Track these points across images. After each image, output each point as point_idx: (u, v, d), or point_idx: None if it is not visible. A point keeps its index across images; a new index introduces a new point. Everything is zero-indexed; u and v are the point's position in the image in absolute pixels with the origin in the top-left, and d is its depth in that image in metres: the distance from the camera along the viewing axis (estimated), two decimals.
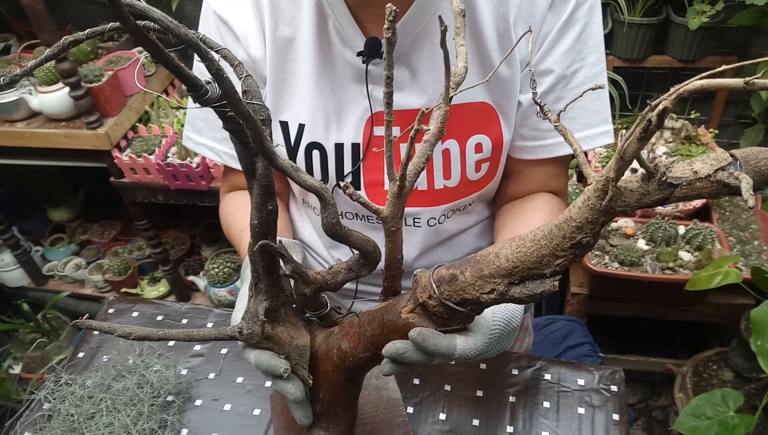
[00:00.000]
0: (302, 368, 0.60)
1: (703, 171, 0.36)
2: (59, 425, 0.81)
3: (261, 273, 0.56)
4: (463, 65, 0.52)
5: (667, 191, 0.37)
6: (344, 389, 0.62)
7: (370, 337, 0.56)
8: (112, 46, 1.90)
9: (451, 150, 0.77)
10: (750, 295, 1.49)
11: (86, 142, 1.70)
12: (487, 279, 0.47)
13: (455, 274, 0.49)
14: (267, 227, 0.54)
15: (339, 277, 0.58)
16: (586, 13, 0.72)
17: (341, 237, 0.53)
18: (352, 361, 0.58)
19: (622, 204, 0.39)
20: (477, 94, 0.75)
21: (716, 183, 0.36)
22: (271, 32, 0.75)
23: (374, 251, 0.56)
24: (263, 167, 0.50)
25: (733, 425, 1.23)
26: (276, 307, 0.58)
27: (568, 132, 0.46)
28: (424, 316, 0.52)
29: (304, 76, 0.76)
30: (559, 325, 1.57)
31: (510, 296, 0.46)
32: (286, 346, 0.59)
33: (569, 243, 0.42)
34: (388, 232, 0.54)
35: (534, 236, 0.44)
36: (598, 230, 0.42)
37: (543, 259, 0.44)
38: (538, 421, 0.81)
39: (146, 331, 0.57)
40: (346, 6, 0.71)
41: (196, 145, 0.88)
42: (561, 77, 0.74)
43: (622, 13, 1.73)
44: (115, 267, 2.12)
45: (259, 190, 0.51)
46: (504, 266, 0.46)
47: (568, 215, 0.42)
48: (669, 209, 1.67)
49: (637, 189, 0.39)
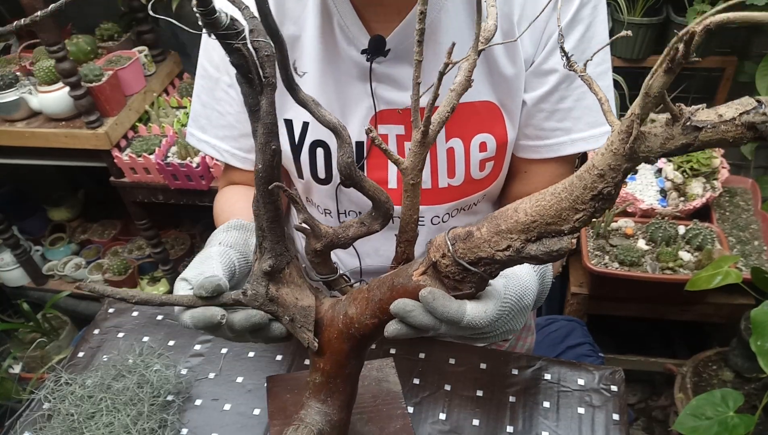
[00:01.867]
0: (307, 330, 0.57)
1: (728, 114, 0.36)
2: (59, 425, 0.81)
3: (265, 228, 0.54)
4: (494, 23, 0.51)
5: (692, 135, 0.37)
6: (347, 360, 0.59)
7: (378, 302, 0.54)
8: (112, 46, 1.90)
9: (456, 148, 0.77)
10: (750, 295, 1.49)
11: (86, 141, 1.70)
12: (504, 235, 0.45)
13: (471, 230, 0.47)
14: (272, 172, 0.51)
15: (350, 230, 0.56)
16: (590, 12, 0.72)
17: (355, 179, 0.51)
18: (358, 328, 0.56)
19: (645, 149, 0.38)
20: (481, 93, 0.75)
21: (741, 125, 0.35)
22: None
23: (387, 202, 0.54)
24: (267, 104, 0.48)
25: (733, 425, 1.23)
26: (280, 267, 0.56)
27: (593, 82, 0.45)
28: (436, 278, 0.50)
29: (308, 75, 0.76)
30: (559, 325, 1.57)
31: (526, 253, 0.45)
32: (291, 308, 0.57)
33: (590, 194, 0.41)
34: (407, 186, 0.52)
35: (554, 190, 0.43)
36: (620, 179, 0.40)
37: (562, 212, 0.43)
38: (538, 421, 0.81)
39: (149, 296, 0.56)
40: (351, 4, 0.71)
41: (198, 142, 0.88)
42: (565, 76, 0.74)
43: (622, 13, 1.73)
44: (115, 266, 2.12)
45: (263, 129, 0.49)
46: (522, 221, 0.44)
47: (590, 164, 0.41)
48: (669, 209, 1.67)
49: (661, 133, 0.38)
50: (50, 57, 1.56)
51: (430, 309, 0.50)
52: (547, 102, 0.76)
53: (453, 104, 0.50)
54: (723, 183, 1.69)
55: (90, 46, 1.81)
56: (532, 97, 0.76)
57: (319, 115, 0.49)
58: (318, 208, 0.89)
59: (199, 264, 0.65)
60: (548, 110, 0.77)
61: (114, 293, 0.55)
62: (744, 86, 1.82)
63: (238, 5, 0.45)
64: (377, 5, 0.71)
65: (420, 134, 0.49)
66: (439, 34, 0.72)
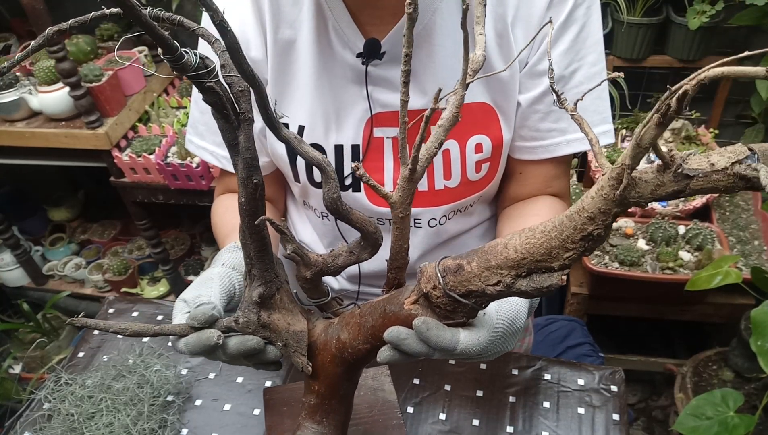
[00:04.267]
0: (300, 355, 0.58)
1: (720, 163, 0.35)
2: (59, 425, 0.81)
3: (253, 257, 0.54)
4: (482, 53, 0.51)
5: (683, 183, 0.37)
6: (341, 382, 0.60)
7: (371, 328, 0.54)
8: (112, 46, 1.90)
9: (451, 150, 0.77)
10: (750, 295, 1.49)
11: (86, 141, 1.70)
12: (494, 270, 0.46)
13: (461, 264, 0.48)
14: (255, 204, 0.51)
15: (339, 259, 0.57)
16: (584, 13, 0.72)
17: (342, 213, 0.52)
18: (351, 353, 0.57)
19: (636, 195, 0.38)
20: (476, 94, 0.75)
21: (733, 175, 0.35)
22: (272, 35, 0.75)
23: (375, 232, 0.54)
24: (245, 139, 0.48)
25: (733, 425, 1.23)
26: (271, 293, 0.57)
27: (584, 121, 0.45)
28: (427, 307, 0.51)
29: (304, 78, 0.76)
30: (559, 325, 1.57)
31: (516, 289, 0.45)
32: (283, 334, 0.58)
33: (580, 235, 0.41)
34: (396, 219, 0.52)
35: (544, 228, 0.43)
36: (610, 222, 0.41)
37: (552, 251, 0.43)
38: (538, 421, 0.81)
39: (143, 327, 0.56)
40: (346, 8, 0.71)
41: (197, 149, 0.89)
42: (559, 77, 0.74)
43: (622, 13, 1.73)
44: (115, 267, 2.12)
45: (243, 164, 0.49)
46: (512, 257, 0.45)
47: (580, 206, 0.41)
48: (669, 209, 1.67)
49: (652, 180, 0.38)
50: (50, 57, 1.56)
51: (423, 338, 0.51)
52: (541, 103, 0.76)
53: (440, 140, 0.50)
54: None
55: (90, 46, 1.81)
56: (527, 99, 0.76)
57: (303, 152, 0.49)
58: (315, 211, 0.89)
59: (199, 285, 0.66)
60: (543, 111, 0.77)
61: (107, 327, 0.56)
62: (744, 86, 1.82)
63: (208, 39, 0.45)
64: (372, 8, 0.71)
65: (408, 171, 0.50)
66: (434, 36, 0.72)
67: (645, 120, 0.36)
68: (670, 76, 1.92)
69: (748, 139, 1.84)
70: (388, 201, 0.51)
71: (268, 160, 0.87)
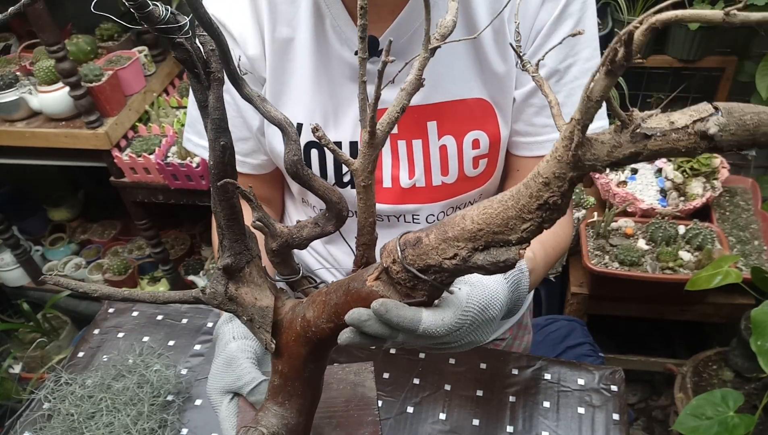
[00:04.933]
0: (265, 331, 0.56)
1: (681, 121, 0.33)
2: (59, 425, 0.81)
3: (223, 226, 0.53)
4: (452, 19, 0.48)
5: (641, 144, 0.34)
6: (305, 363, 0.58)
7: (334, 306, 0.52)
8: (112, 46, 1.90)
9: (448, 146, 0.77)
10: (750, 295, 1.49)
11: (86, 141, 1.70)
12: (451, 242, 0.43)
13: (420, 236, 0.45)
14: (223, 167, 0.50)
15: (305, 231, 0.55)
16: (579, 7, 0.72)
17: (303, 177, 0.50)
18: (315, 332, 0.54)
19: (591, 157, 0.36)
20: (473, 90, 0.75)
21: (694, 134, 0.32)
22: (270, 33, 0.75)
23: (339, 202, 0.53)
24: (214, 99, 0.47)
25: (733, 425, 1.23)
26: (239, 266, 0.55)
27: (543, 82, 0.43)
28: (389, 284, 0.48)
29: (302, 76, 0.76)
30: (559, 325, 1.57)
31: (473, 263, 0.43)
32: (249, 308, 0.56)
33: (536, 203, 0.39)
34: (359, 188, 0.50)
35: (502, 197, 0.41)
36: (567, 189, 0.38)
37: (509, 221, 0.41)
38: (538, 421, 0.81)
39: (111, 290, 0.56)
40: (343, 5, 0.71)
41: (195, 147, 0.89)
42: (554, 71, 0.75)
43: (622, 13, 1.73)
44: (115, 266, 2.12)
45: (212, 125, 0.48)
46: (468, 228, 0.42)
47: (536, 171, 0.39)
48: (669, 209, 1.67)
49: (608, 141, 0.36)
50: (50, 57, 1.56)
51: (384, 320, 0.48)
52: (536, 97, 0.76)
53: (403, 104, 0.48)
54: (723, 183, 1.69)
55: (90, 46, 1.81)
56: (522, 93, 0.76)
57: (265, 111, 0.48)
58: (314, 209, 0.89)
59: (226, 367, 0.68)
60: (538, 105, 0.77)
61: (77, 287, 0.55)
62: (744, 86, 1.82)
63: None
64: (371, 5, 0.71)
65: (367, 135, 0.47)
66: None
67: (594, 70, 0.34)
68: (670, 75, 1.92)
69: None
70: (350, 168, 0.49)
71: (267, 159, 0.87)
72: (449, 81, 0.75)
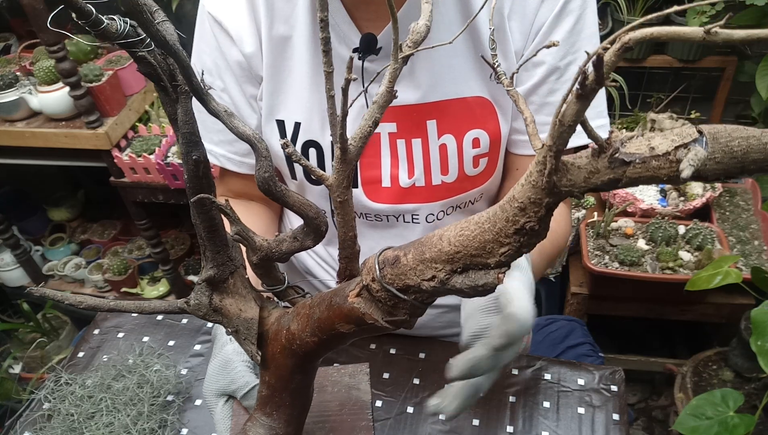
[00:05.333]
0: (250, 343, 0.56)
1: (662, 147, 0.30)
2: (59, 425, 0.81)
3: (204, 238, 0.53)
4: (425, 23, 0.47)
5: (619, 170, 0.32)
6: (292, 375, 0.57)
7: (317, 320, 0.51)
8: (112, 46, 1.90)
9: (448, 145, 0.77)
10: (750, 295, 1.48)
11: (86, 141, 1.70)
12: (428, 263, 0.42)
13: (398, 255, 0.44)
14: (198, 182, 0.49)
15: (284, 245, 0.54)
16: (579, 4, 0.72)
17: (276, 194, 0.49)
18: (300, 345, 0.54)
19: (567, 182, 0.34)
20: (473, 88, 0.75)
21: (676, 162, 0.30)
22: (267, 31, 0.75)
23: (316, 218, 0.52)
24: (183, 113, 0.46)
25: (733, 425, 1.23)
26: (223, 277, 0.55)
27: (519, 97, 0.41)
28: (370, 301, 0.47)
29: (299, 75, 0.76)
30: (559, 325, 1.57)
31: (451, 286, 0.42)
32: (234, 320, 0.56)
33: (512, 227, 0.37)
34: (336, 204, 0.49)
35: (479, 219, 0.40)
36: (543, 214, 0.36)
37: (486, 245, 0.39)
38: (538, 421, 0.81)
39: (96, 301, 0.56)
40: (342, 3, 0.71)
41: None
42: (554, 69, 0.74)
43: (622, 13, 1.73)
44: (115, 267, 2.12)
45: (182, 139, 0.47)
46: (446, 250, 0.41)
47: (511, 195, 0.37)
48: (669, 209, 1.67)
49: (585, 165, 0.34)
50: (50, 57, 1.56)
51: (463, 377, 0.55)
52: (536, 94, 0.76)
53: (375, 118, 0.46)
54: (723, 183, 1.69)
55: (90, 47, 1.81)
56: (522, 90, 0.76)
57: (233, 127, 0.46)
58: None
59: (221, 370, 0.68)
60: (538, 103, 0.77)
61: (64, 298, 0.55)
62: (744, 86, 1.82)
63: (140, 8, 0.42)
64: (368, 3, 0.71)
65: (339, 151, 0.46)
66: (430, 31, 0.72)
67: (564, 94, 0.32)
68: (670, 76, 1.92)
69: None
70: (325, 183, 0.49)
71: None
72: (449, 79, 0.74)
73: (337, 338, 0.51)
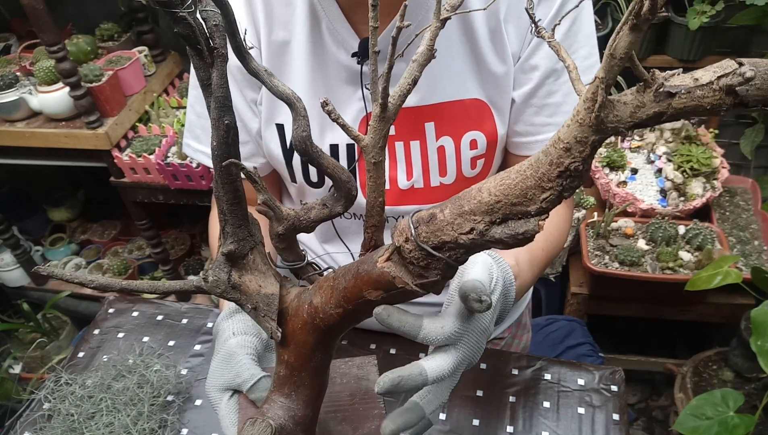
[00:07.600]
0: (270, 319, 0.54)
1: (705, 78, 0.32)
2: (59, 425, 0.81)
3: (226, 211, 0.52)
4: None
5: (665, 103, 0.33)
6: (313, 352, 0.56)
7: (343, 290, 0.51)
8: (112, 46, 1.90)
9: (446, 147, 0.78)
10: (750, 295, 1.49)
11: (86, 141, 1.70)
12: (467, 216, 0.42)
13: (434, 212, 0.44)
14: (227, 148, 0.48)
15: (312, 213, 0.54)
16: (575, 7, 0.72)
17: (312, 154, 0.49)
18: (323, 318, 0.53)
19: (614, 118, 0.35)
20: (470, 90, 0.75)
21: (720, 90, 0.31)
22: (266, 36, 0.75)
23: (348, 181, 0.51)
24: (218, 77, 0.46)
25: (733, 425, 1.23)
26: (243, 253, 0.54)
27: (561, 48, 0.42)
28: (401, 265, 0.47)
29: (298, 79, 0.76)
30: (559, 325, 1.57)
31: (491, 236, 0.42)
32: (254, 296, 0.54)
33: (556, 170, 0.38)
34: (369, 165, 0.49)
35: (520, 167, 0.40)
36: (588, 153, 0.37)
37: (528, 191, 0.39)
38: (538, 421, 0.81)
39: (108, 280, 0.55)
40: (339, 8, 0.71)
41: (194, 153, 0.90)
42: (551, 71, 0.74)
43: (622, 13, 1.73)
44: (115, 267, 2.12)
45: (215, 103, 0.46)
46: (485, 201, 0.41)
47: (556, 137, 0.38)
48: (669, 209, 1.67)
49: (631, 101, 0.35)
50: (50, 57, 1.56)
51: (386, 325, 0.50)
52: (535, 97, 0.76)
53: (414, 76, 0.46)
54: (723, 183, 1.69)
55: (90, 46, 1.81)
56: (521, 94, 0.76)
57: (272, 86, 0.47)
58: None
59: (225, 364, 0.67)
60: (537, 105, 0.77)
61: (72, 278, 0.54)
62: None
63: None
64: (365, 8, 0.71)
65: (379, 108, 0.46)
66: None
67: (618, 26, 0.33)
68: None
69: (749, 139, 1.84)
70: (360, 144, 0.48)
71: (265, 162, 0.87)
72: (447, 82, 0.75)
73: (364, 307, 0.50)
